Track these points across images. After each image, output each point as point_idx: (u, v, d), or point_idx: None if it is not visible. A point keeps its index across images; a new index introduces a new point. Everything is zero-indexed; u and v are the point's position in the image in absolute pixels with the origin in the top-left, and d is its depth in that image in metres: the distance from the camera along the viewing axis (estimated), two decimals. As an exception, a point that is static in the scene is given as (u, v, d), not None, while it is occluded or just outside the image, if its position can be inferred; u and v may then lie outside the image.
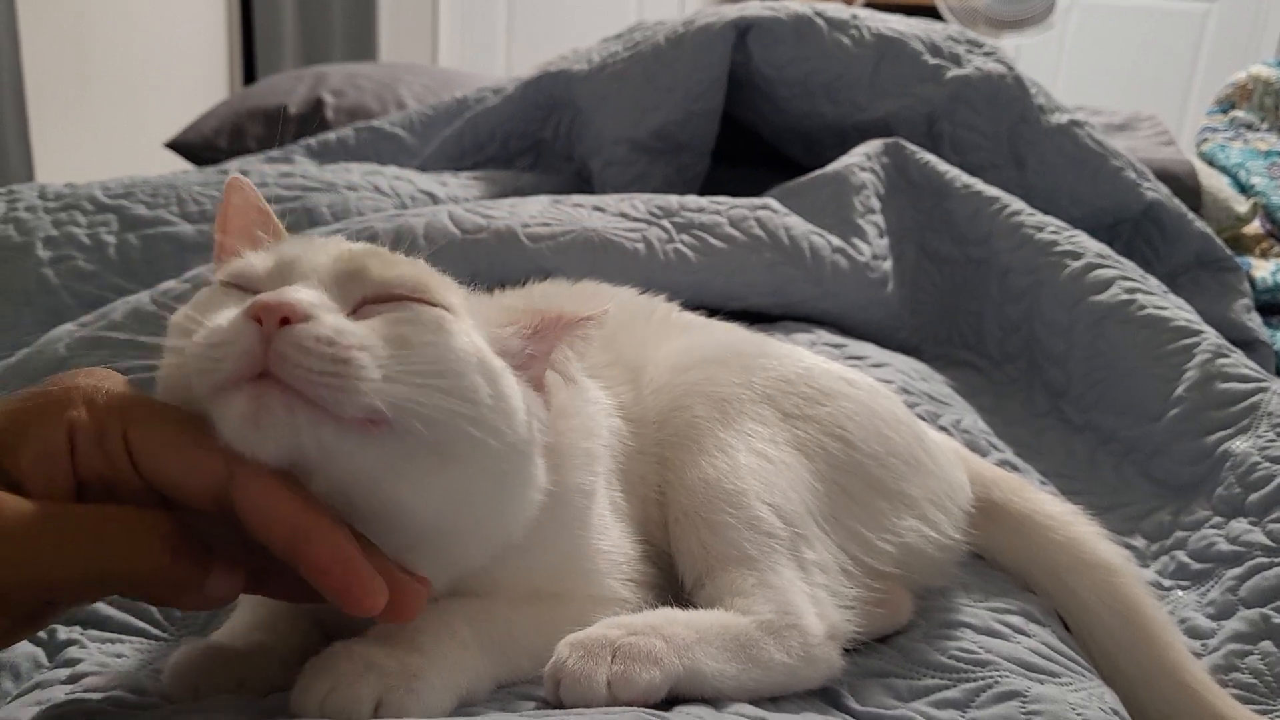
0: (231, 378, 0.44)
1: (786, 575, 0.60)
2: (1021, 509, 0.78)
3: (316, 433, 0.45)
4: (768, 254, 1.17)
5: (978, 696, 0.60)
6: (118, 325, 0.97)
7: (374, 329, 0.48)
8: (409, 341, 0.48)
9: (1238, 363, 1.04)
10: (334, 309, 0.48)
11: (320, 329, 0.45)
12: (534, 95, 1.67)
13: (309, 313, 0.45)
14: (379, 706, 0.47)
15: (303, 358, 0.44)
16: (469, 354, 0.50)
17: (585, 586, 0.60)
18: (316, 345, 0.44)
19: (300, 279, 0.50)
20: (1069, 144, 1.49)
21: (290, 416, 0.44)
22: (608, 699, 0.51)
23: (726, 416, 0.67)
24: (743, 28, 1.53)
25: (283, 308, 0.45)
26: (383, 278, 0.51)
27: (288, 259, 0.52)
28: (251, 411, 0.44)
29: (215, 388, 0.45)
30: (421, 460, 0.47)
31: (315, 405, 0.44)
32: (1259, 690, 0.74)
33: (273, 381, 0.44)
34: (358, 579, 0.45)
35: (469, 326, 0.53)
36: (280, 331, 0.44)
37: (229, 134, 2.00)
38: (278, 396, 0.44)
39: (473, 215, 1.10)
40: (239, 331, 0.45)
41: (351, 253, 0.53)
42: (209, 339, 0.46)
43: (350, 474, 0.46)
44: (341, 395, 0.44)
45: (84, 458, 0.44)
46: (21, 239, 1.16)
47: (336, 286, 0.50)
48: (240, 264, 0.53)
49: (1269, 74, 2.15)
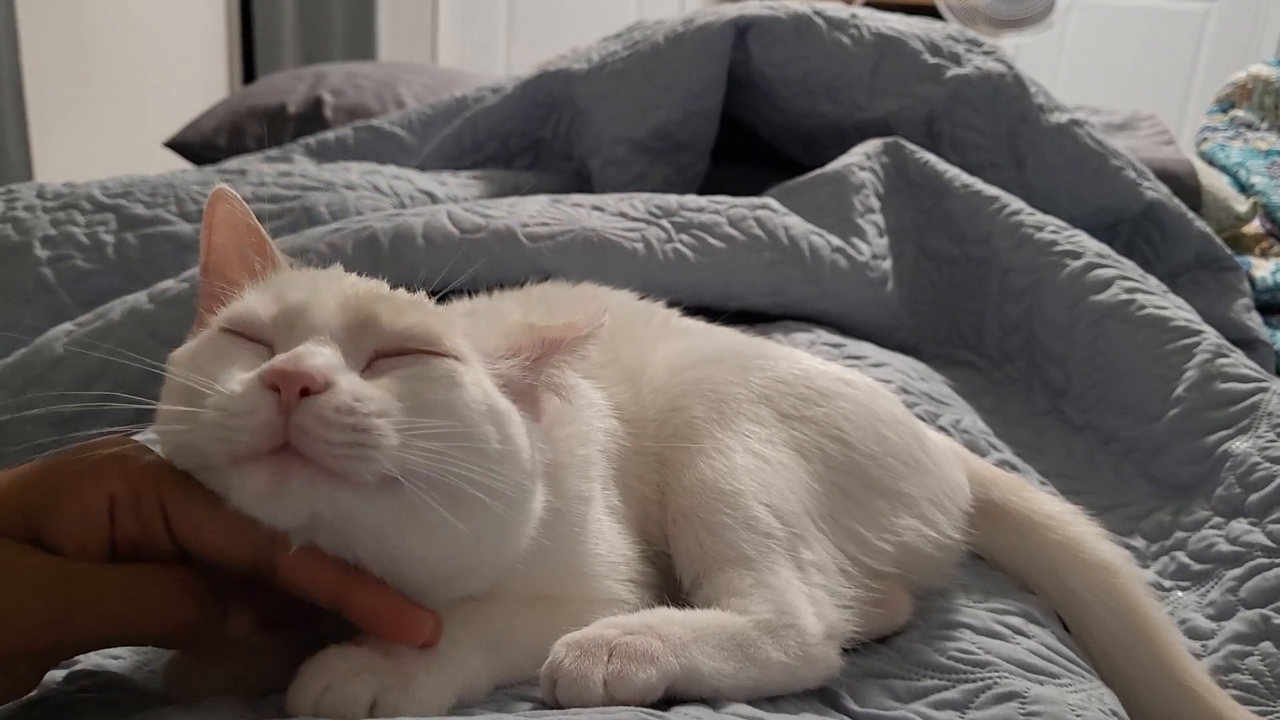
0: (251, 452, 0.44)
1: (784, 575, 0.60)
2: (1021, 509, 0.77)
3: (333, 499, 0.45)
4: (767, 254, 1.17)
5: (977, 697, 0.60)
6: (116, 325, 0.97)
7: (388, 388, 0.48)
8: (423, 400, 0.49)
9: (1238, 363, 1.04)
10: (348, 369, 0.48)
11: (340, 397, 0.45)
12: (533, 94, 1.67)
13: (328, 379, 0.45)
14: (374, 706, 0.47)
15: (324, 431, 0.44)
16: (479, 404, 0.51)
17: (583, 589, 0.60)
18: (337, 416, 0.45)
19: (311, 333, 0.49)
20: (1069, 143, 1.49)
21: (310, 488, 0.45)
22: (604, 698, 0.50)
23: (724, 417, 0.67)
24: (742, 27, 1.53)
25: (301, 377, 0.44)
26: (393, 329, 0.51)
27: (294, 306, 0.51)
28: (272, 485, 0.44)
29: (233, 459, 0.45)
30: (430, 513, 0.47)
31: (334, 474, 0.45)
32: (1259, 691, 0.74)
33: (293, 454, 0.44)
34: (405, 618, 0.49)
35: (477, 372, 0.53)
36: (301, 404, 0.44)
37: (228, 133, 2.00)
38: (298, 470, 0.44)
39: (471, 215, 1.10)
40: (257, 402, 0.45)
41: (359, 299, 0.52)
42: (225, 407, 0.45)
43: (361, 530, 0.47)
44: (361, 464, 0.45)
45: (122, 525, 0.47)
46: (20, 238, 1.16)
47: (348, 338, 0.50)
48: (242, 310, 0.52)
49: (1269, 73, 2.15)
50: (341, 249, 1.03)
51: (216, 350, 0.51)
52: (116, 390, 0.93)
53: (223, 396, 0.46)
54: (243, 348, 0.51)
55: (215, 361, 0.49)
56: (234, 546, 0.47)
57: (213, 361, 0.49)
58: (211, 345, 0.52)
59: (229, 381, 0.46)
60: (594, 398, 0.67)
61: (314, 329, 0.50)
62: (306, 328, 0.50)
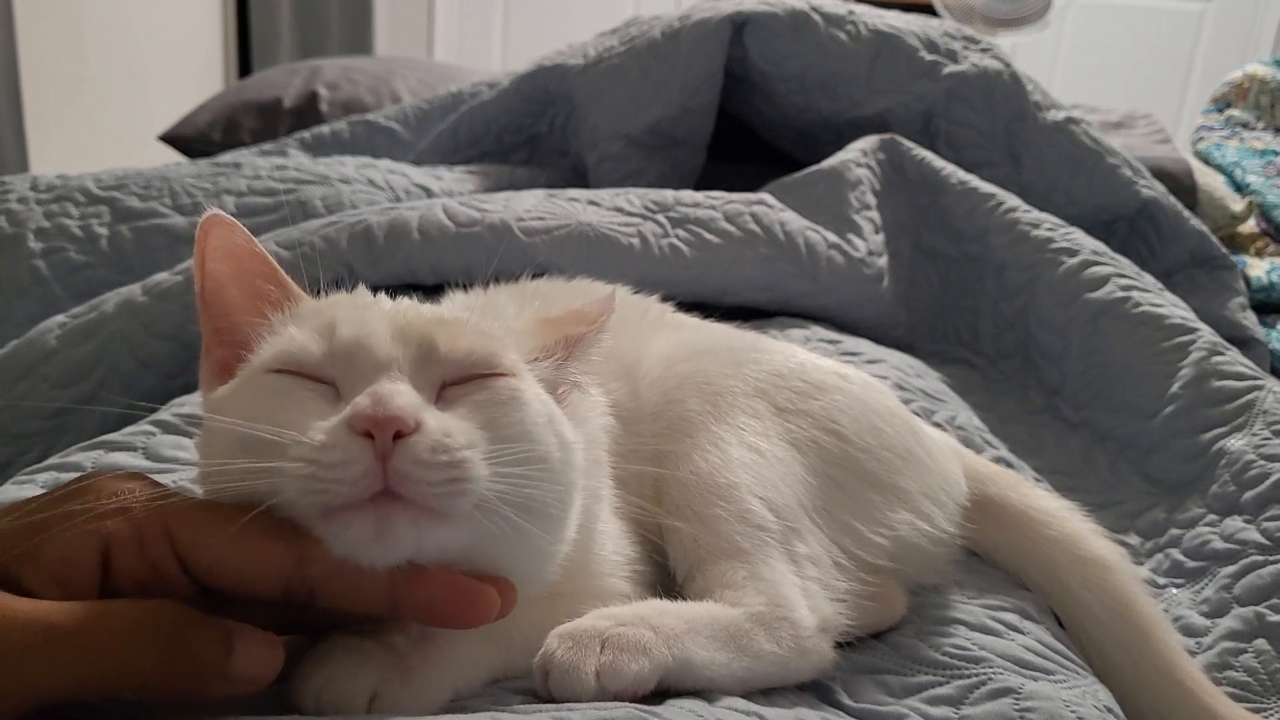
0: (348, 503, 0.43)
1: (778, 568, 0.60)
2: (1017, 504, 0.77)
3: (436, 535, 0.45)
4: (763, 249, 1.17)
5: (971, 693, 0.60)
6: (109, 318, 0.96)
7: (467, 417, 0.48)
8: (498, 425, 0.48)
9: (1233, 360, 1.04)
10: (428, 405, 0.47)
11: (433, 437, 0.44)
12: (529, 89, 1.67)
13: (418, 419, 0.44)
14: (374, 699, 0.47)
15: (424, 473, 0.44)
16: (542, 417, 0.51)
17: (588, 584, 0.60)
18: (433, 456, 0.44)
19: (378, 368, 0.48)
20: (1065, 141, 1.49)
21: (414, 528, 0.44)
22: (596, 690, 0.50)
23: (719, 410, 0.67)
24: (739, 23, 1.53)
25: (393, 422, 0.43)
26: (455, 356, 0.50)
27: (351, 340, 0.49)
28: (377, 531, 0.44)
29: (329, 509, 0.44)
30: (508, 527, 0.47)
31: (435, 512, 0.44)
32: (1253, 688, 0.74)
33: (392, 498, 0.43)
34: (472, 596, 0.46)
35: (532, 384, 0.53)
36: (398, 449, 0.43)
37: (223, 127, 2.00)
38: (400, 514, 0.44)
39: (467, 209, 1.09)
40: (351, 451, 0.43)
41: (414, 328, 0.51)
42: (317, 459, 0.43)
43: (452, 554, 0.47)
44: (460, 500, 0.45)
45: (122, 567, 0.43)
46: (13, 230, 1.15)
47: (414, 370, 0.49)
48: (291, 347, 0.50)
49: (1265, 73, 2.15)
50: (336, 242, 1.03)
51: (276, 393, 0.49)
52: (109, 383, 0.94)
53: (309, 448, 0.44)
54: (305, 389, 0.49)
55: (279, 407, 0.47)
56: (261, 574, 0.44)
57: (276, 407, 0.47)
58: (266, 388, 0.49)
59: (310, 430, 0.45)
60: (593, 394, 0.67)
61: (380, 364, 0.48)
62: (371, 363, 0.48)
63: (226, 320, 0.54)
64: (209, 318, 0.54)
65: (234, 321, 0.54)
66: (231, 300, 0.54)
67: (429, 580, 0.46)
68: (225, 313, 0.54)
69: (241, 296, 0.54)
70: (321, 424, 0.45)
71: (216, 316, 0.54)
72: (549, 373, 0.56)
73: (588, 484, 0.59)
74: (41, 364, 0.94)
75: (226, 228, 0.53)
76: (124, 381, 0.94)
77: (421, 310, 0.55)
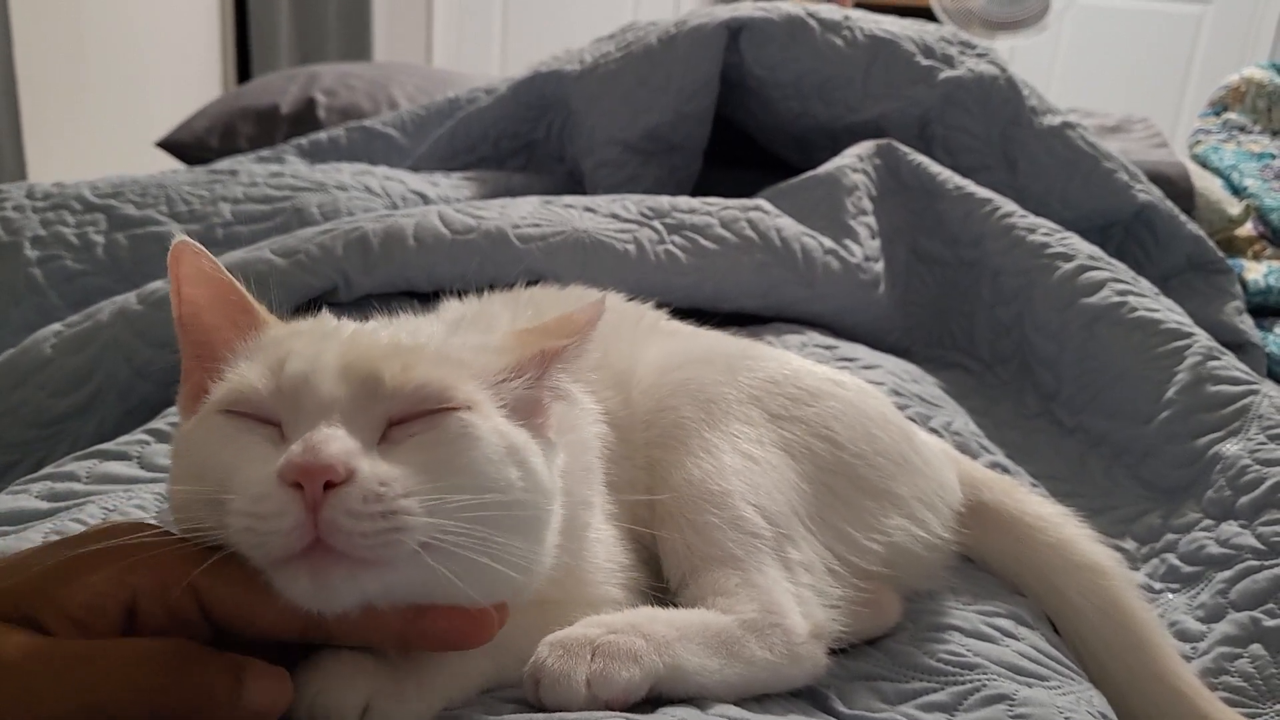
0: (286, 554, 0.44)
1: (771, 575, 0.60)
2: (1012, 511, 0.77)
3: (379, 582, 0.45)
4: (759, 255, 1.17)
5: (965, 700, 0.60)
6: (105, 326, 0.96)
7: (408, 460, 0.47)
8: (445, 465, 0.47)
9: (1229, 365, 1.04)
10: (365, 449, 0.46)
11: (365, 486, 0.44)
12: (526, 95, 1.67)
13: (349, 467, 0.44)
14: (367, 710, 0.47)
15: (354, 524, 0.43)
16: (498, 450, 0.49)
17: (579, 592, 0.60)
18: (365, 506, 0.44)
19: (319, 410, 0.47)
20: (1061, 146, 1.49)
21: (351, 579, 0.44)
22: (587, 698, 0.50)
23: (712, 417, 0.67)
24: (735, 28, 1.53)
25: (321, 471, 0.43)
26: (403, 391, 0.49)
27: (294, 378, 0.49)
28: (314, 584, 0.44)
29: (270, 561, 0.44)
30: (464, 562, 0.46)
31: (370, 562, 0.44)
32: (1248, 694, 0.74)
33: (325, 550, 0.43)
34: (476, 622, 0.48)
35: (490, 414, 0.51)
36: (327, 500, 0.43)
37: (220, 133, 2.00)
38: (334, 568, 0.44)
39: (463, 216, 1.10)
40: (283, 504, 0.43)
41: (361, 361, 0.50)
42: (253, 512, 0.44)
43: (410, 593, 0.47)
44: (395, 549, 0.44)
45: (146, 619, 0.44)
46: (9, 238, 1.15)
47: (357, 409, 0.48)
48: (240, 385, 0.50)
49: (1262, 76, 2.15)
50: (332, 250, 1.03)
51: (223, 437, 0.49)
52: (105, 391, 0.94)
53: (246, 500, 0.44)
54: (251, 433, 0.48)
55: (226, 450, 0.48)
56: (282, 622, 0.46)
57: (222, 450, 0.48)
58: (216, 430, 0.49)
59: (248, 482, 0.45)
60: (585, 402, 0.67)
61: (322, 405, 0.47)
62: (314, 404, 0.48)
63: (205, 343, 0.54)
64: (188, 342, 0.55)
65: (212, 344, 0.54)
66: (209, 323, 0.54)
67: (435, 615, 0.47)
68: (204, 336, 0.55)
69: (218, 320, 0.54)
70: (260, 473, 0.45)
71: (196, 341, 0.55)
72: (521, 390, 0.54)
73: (577, 492, 0.59)
74: (37, 372, 0.94)
75: (195, 254, 0.53)
76: (120, 389, 0.94)
77: (376, 340, 0.53)
